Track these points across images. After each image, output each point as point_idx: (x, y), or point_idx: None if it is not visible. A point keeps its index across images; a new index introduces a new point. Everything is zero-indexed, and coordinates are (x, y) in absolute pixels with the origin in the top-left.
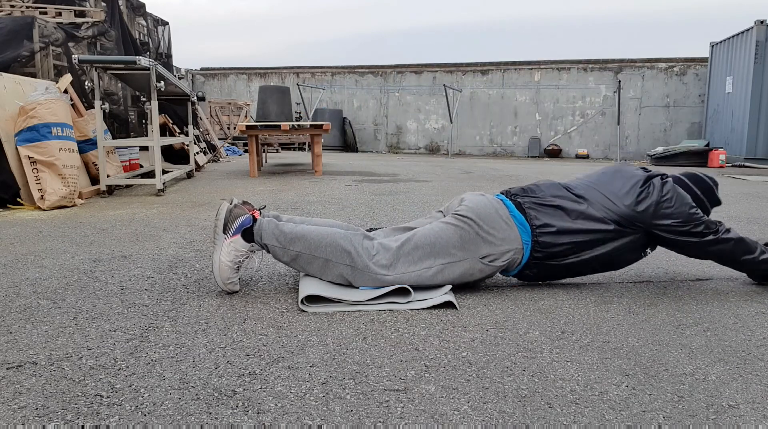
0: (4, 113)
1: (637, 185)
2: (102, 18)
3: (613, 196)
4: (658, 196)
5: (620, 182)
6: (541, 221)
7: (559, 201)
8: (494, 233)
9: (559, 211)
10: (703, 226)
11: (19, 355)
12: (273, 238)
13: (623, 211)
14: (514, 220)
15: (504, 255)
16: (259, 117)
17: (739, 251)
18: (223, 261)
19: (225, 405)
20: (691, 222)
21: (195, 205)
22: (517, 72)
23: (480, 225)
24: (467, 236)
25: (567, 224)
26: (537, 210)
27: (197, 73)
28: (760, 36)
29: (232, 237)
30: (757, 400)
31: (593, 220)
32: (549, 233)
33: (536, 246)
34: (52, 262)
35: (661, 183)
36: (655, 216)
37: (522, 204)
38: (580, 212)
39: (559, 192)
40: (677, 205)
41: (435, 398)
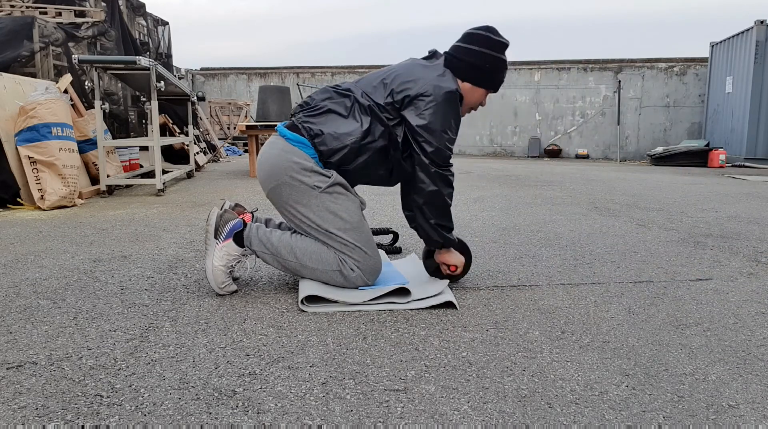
0: (4, 113)
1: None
2: (102, 18)
3: (381, 84)
4: (418, 92)
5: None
6: (315, 130)
7: (329, 103)
8: (290, 174)
9: (331, 114)
10: (434, 150)
11: (19, 355)
12: (261, 245)
13: (385, 97)
14: (292, 145)
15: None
16: (259, 117)
17: (430, 200)
18: (216, 265)
19: (225, 405)
20: (428, 134)
21: (195, 205)
22: (517, 72)
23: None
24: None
25: (340, 126)
26: (310, 121)
27: (197, 73)
28: (760, 36)
29: (223, 241)
30: (757, 400)
31: (363, 113)
32: (326, 139)
33: (321, 157)
34: (52, 262)
35: (432, 85)
36: (406, 107)
37: (296, 122)
38: (349, 107)
39: (327, 94)
40: (430, 111)
41: (435, 398)
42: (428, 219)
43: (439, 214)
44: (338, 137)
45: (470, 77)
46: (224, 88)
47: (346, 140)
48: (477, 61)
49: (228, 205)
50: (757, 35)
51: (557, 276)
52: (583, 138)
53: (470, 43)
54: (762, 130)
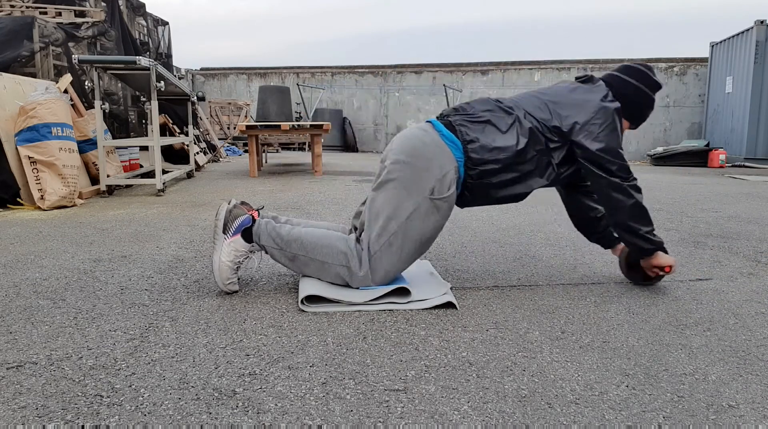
0: (4, 113)
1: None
2: (102, 18)
3: (545, 106)
4: (589, 117)
5: (558, 93)
6: (471, 136)
7: (489, 115)
8: (430, 162)
9: (488, 125)
10: (617, 167)
11: (19, 355)
12: (270, 239)
13: (550, 121)
14: (444, 140)
15: (445, 178)
16: (259, 117)
17: (632, 213)
18: (223, 261)
19: (225, 405)
20: (608, 155)
21: (195, 205)
22: (517, 72)
23: (413, 163)
24: (407, 180)
25: (497, 139)
26: (467, 126)
27: (197, 73)
28: (760, 36)
29: (231, 237)
30: (757, 400)
31: (523, 133)
32: (480, 148)
33: (468, 162)
34: (52, 262)
35: (599, 106)
36: (578, 133)
37: (453, 122)
38: (510, 124)
39: (489, 106)
40: (605, 133)
41: (435, 398)
42: (637, 231)
43: (646, 221)
44: (492, 150)
45: (622, 108)
46: (224, 88)
47: (498, 155)
48: (631, 94)
49: (236, 202)
50: (757, 35)
51: (557, 276)
52: None
53: (628, 76)
54: (762, 130)
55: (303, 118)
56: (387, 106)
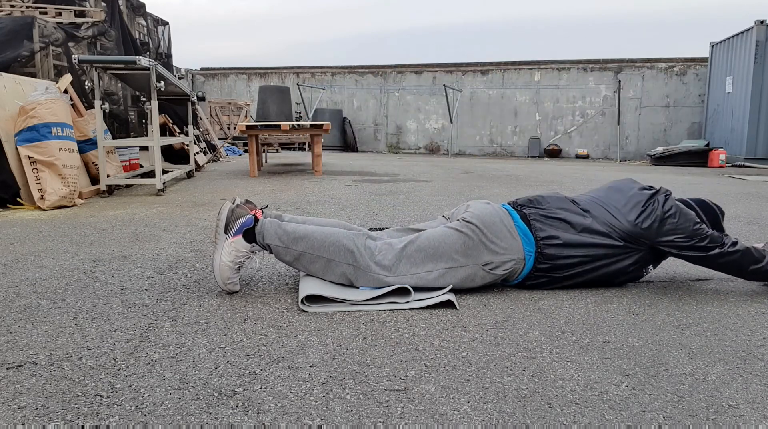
0: (4, 113)
1: (641, 202)
2: (102, 18)
3: (617, 212)
4: (662, 213)
5: (625, 198)
6: (546, 233)
7: (564, 214)
8: (497, 242)
9: (564, 223)
10: (708, 240)
11: (19, 355)
12: (276, 237)
13: (627, 227)
14: (518, 231)
15: (506, 264)
16: (259, 117)
17: (746, 262)
18: (224, 261)
19: (225, 405)
20: (695, 237)
21: (195, 205)
22: (517, 72)
23: (484, 232)
24: (470, 242)
25: (572, 237)
26: (542, 222)
27: (197, 73)
28: (760, 36)
29: (233, 237)
30: (757, 400)
31: (598, 235)
32: (554, 245)
33: (540, 257)
34: (52, 262)
35: (665, 199)
36: (659, 232)
37: (527, 215)
38: (585, 226)
39: (564, 205)
40: (681, 221)
41: (435, 398)
42: (762, 268)
43: (759, 257)
44: (567, 247)
45: None
46: (224, 88)
47: (574, 253)
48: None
49: (239, 201)
50: (757, 35)
51: None
52: (583, 138)
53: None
54: (762, 130)
55: (303, 118)
56: (387, 106)
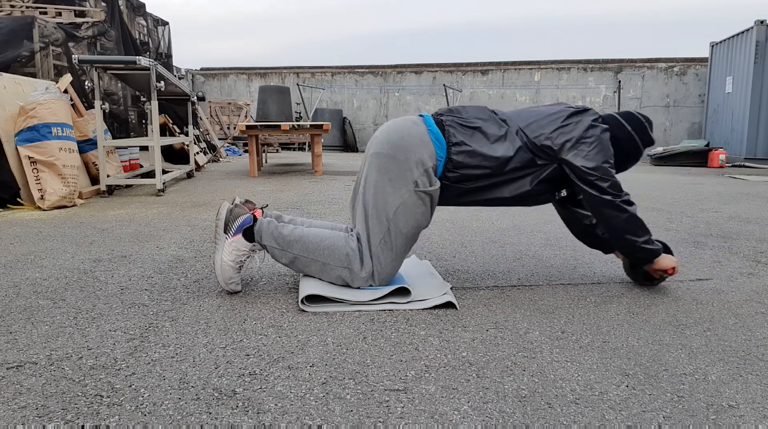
0: (4, 113)
1: (562, 117)
2: (102, 18)
3: (536, 124)
4: (579, 135)
5: (549, 111)
6: (457, 139)
7: (481, 123)
8: (411, 156)
9: (478, 132)
10: (609, 185)
11: (19, 355)
12: (272, 239)
13: (540, 140)
14: (430, 136)
15: (429, 173)
16: (259, 117)
17: (627, 227)
18: (225, 261)
19: (225, 405)
20: (598, 172)
21: (195, 205)
22: (517, 72)
23: (395, 156)
24: (391, 173)
25: (483, 147)
26: (456, 128)
27: (197, 73)
28: (760, 36)
29: (233, 237)
30: (757, 400)
31: (510, 146)
32: (464, 152)
33: (449, 164)
34: (52, 262)
35: (590, 125)
36: (568, 151)
37: (443, 122)
38: (498, 136)
39: (483, 115)
40: (594, 152)
41: (435, 398)
42: (634, 243)
43: (640, 232)
44: (477, 156)
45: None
46: (224, 88)
47: (482, 162)
48: (623, 137)
49: (238, 201)
50: (757, 35)
51: (557, 276)
52: None
53: (626, 120)
54: (762, 130)
55: (303, 118)
56: (387, 106)
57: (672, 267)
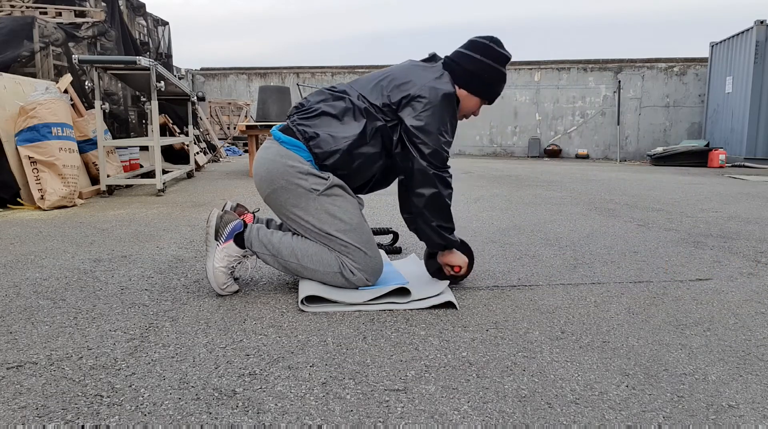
0: (4, 113)
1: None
2: (102, 18)
3: (378, 85)
4: (415, 93)
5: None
6: (309, 133)
7: (323, 105)
8: (286, 177)
9: (324, 116)
10: (431, 152)
11: (19, 355)
12: (262, 246)
13: (381, 98)
14: (287, 148)
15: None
16: (259, 117)
17: (430, 203)
18: (216, 267)
19: (225, 405)
20: (424, 136)
21: (195, 205)
22: (517, 72)
23: (276, 187)
24: (289, 201)
25: (335, 129)
26: (304, 124)
27: (197, 73)
28: (760, 36)
29: (224, 243)
30: (757, 400)
31: (359, 115)
32: (321, 142)
33: (317, 160)
34: (52, 262)
35: (430, 86)
36: (404, 108)
37: (291, 125)
38: (344, 109)
39: (322, 96)
40: (427, 113)
41: (435, 398)
42: (429, 222)
43: (440, 215)
44: (333, 140)
45: (467, 85)
46: (224, 88)
47: (341, 143)
48: (476, 69)
49: (229, 206)
50: (757, 35)
51: (557, 276)
52: (583, 138)
53: (472, 51)
54: (762, 130)
55: None
56: None
57: (459, 265)
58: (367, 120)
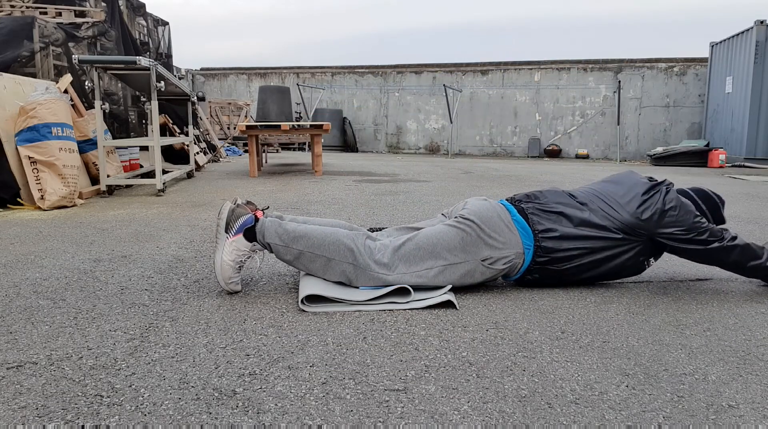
0: (4, 113)
1: (640, 193)
2: (102, 18)
3: (616, 204)
4: (662, 205)
5: (624, 190)
6: (544, 226)
7: (562, 207)
8: (495, 237)
9: (561, 217)
10: (708, 234)
11: (19, 355)
12: (276, 236)
13: (626, 218)
14: (516, 225)
15: (505, 258)
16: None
17: (745, 258)
18: (225, 260)
19: (225, 405)
20: (694, 230)
21: (195, 205)
22: (517, 72)
23: (482, 228)
24: (469, 239)
25: (569, 230)
26: (540, 215)
27: (197, 73)
28: (760, 36)
29: (233, 236)
30: (757, 400)
31: (595, 228)
32: (552, 238)
33: (539, 250)
34: (52, 262)
35: (666, 191)
36: (659, 224)
37: (525, 209)
38: (582, 219)
39: (562, 199)
40: (681, 214)
41: (435, 398)
42: (762, 265)
43: (759, 253)
44: (565, 240)
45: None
46: (224, 88)
47: (571, 244)
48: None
49: (240, 201)
50: (757, 35)
51: None
52: (583, 138)
53: (702, 200)
54: (762, 130)
55: (303, 118)
56: (387, 106)
57: None
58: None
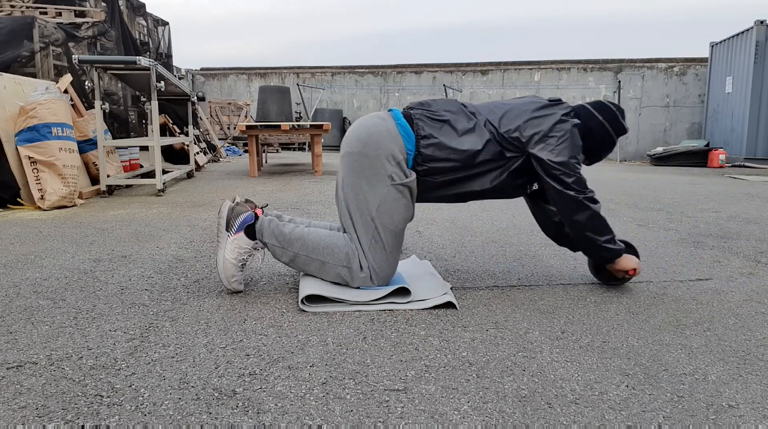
0: (4, 113)
1: (532, 109)
2: (102, 18)
3: (506, 116)
4: (548, 128)
5: (523, 105)
6: (426, 132)
7: (449, 115)
8: (379, 152)
9: (446, 125)
10: (573, 180)
11: (19, 355)
12: (272, 237)
13: (510, 133)
14: (399, 130)
15: (402, 165)
16: (259, 117)
17: (588, 225)
18: (227, 258)
19: (225, 405)
20: (564, 167)
21: (195, 205)
22: (517, 72)
23: (365, 152)
24: (366, 171)
25: (451, 140)
26: (425, 121)
27: (197, 73)
28: (760, 36)
29: (235, 234)
30: (757, 400)
31: (479, 139)
32: (432, 145)
33: (418, 157)
34: (52, 262)
35: (559, 119)
36: (536, 145)
37: (413, 115)
38: (467, 129)
39: (452, 107)
40: (562, 146)
41: (435, 398)
42: (595, 242)
43: (602, 231)
44: (445, 149)
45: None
46: (224, 88)
47: (450, 155)
48: (595, 129)
49: (239, 200)
50: (757, 35)
51: (557, 276)
52: None
53: (598, 111)
54: (762, 130)
55: (303, 118)
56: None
57: (633, 268)
58: (483, 147)
